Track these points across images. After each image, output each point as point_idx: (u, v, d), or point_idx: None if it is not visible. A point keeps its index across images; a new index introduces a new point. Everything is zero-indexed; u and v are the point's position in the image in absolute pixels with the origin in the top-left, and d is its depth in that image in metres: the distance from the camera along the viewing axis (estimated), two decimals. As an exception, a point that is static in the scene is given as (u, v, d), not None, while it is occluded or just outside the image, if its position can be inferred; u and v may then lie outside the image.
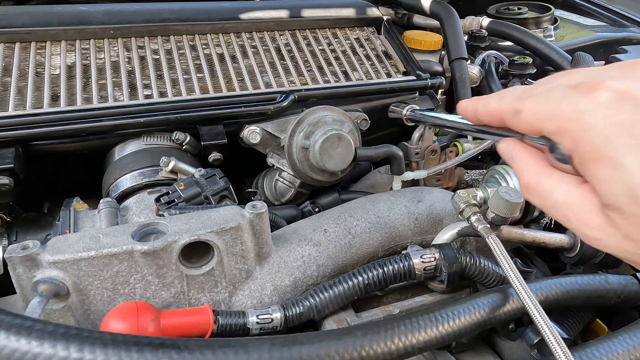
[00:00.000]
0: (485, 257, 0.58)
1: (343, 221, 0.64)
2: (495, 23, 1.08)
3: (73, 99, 0.78)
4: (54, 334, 0.34)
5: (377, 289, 0.57)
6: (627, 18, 1.30)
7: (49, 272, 0.47)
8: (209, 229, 0.51)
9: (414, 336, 0.44)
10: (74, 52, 0.85)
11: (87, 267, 0.48)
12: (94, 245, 0.48)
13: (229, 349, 0.38)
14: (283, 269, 0.58)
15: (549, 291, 0.54)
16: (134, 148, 0.77)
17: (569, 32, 1.22)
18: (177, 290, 0.52)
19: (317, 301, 0.54)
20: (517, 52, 1.09)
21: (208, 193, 0.63)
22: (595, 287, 0.57)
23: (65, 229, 0.59)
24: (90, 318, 0.51)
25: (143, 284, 0.51)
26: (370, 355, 0.42)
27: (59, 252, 0.47)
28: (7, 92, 0.76)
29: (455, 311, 0.48)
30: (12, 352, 0.33)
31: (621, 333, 0.49)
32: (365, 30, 1.06)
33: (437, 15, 1.00)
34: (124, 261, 0.49)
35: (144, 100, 0.79)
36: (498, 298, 0.51)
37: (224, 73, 0.88)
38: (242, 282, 0.56)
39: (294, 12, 1.01)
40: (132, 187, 0.71)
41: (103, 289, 0.49)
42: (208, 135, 0.79)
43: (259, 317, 0.52)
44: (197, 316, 0.50)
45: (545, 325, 0.44)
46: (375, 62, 0.98)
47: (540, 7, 1.29)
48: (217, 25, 0.95)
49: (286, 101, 0.83)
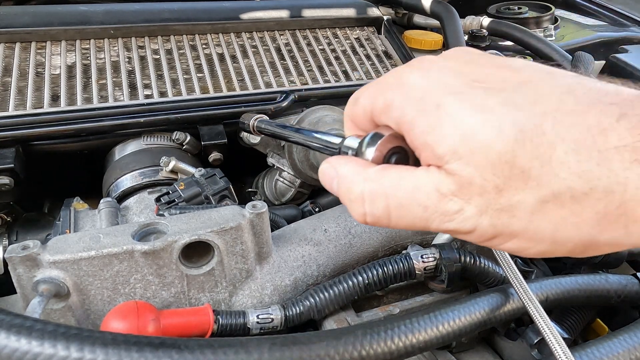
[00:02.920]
0: (485, 257, 0.58)
1: (343, 221, 0.64)
2: (496, 23, 1.08)
3: (73, 99, 0.78)
4: (54, 333, 0.34)
5: (377, 288, 0.57)
6: (627, 18, 1.30)
7: (50, 272, 0.47)
8: (209, 228, 0.51)
9: (414, 336, 0.44)
10: (74, 52, 0.85)
11: (88, 267, 0.48)
12: (94, 245, 0.48)
13: (229, 349, 0.38)
14: (283, 269, 0.58)
15: (549, 291, 0.54)
16: (134, 148, 0.77)
17: (569, 32, 1.22)
18: (178, 290, 0.52)
19: (317, 301, 0.54)
20: (517, 52, 1.08)
21: (208, 193, 0.63)
22: (595, 286, 0.57)
23: (65, 229, 0.59)
24: (90, 318, 0.51)
25: (143, 284, 0.51)
26: (370, 355, 0.42)
27: (60, 252, 0.47)
28: (7, 92, 0.76)
29: (455, 311, 0.48)
30: (12, 352, 0.33)
31: (621, 333, 0.49)
32: (365, 30, 1.06)
33: (438, 14, 1.00)
34: (124, 261, 0.49)
35: (144, 100, 0.79)
36: (498, 298, 0.51)
37: (224, 73, 0.88)
38: (242, 282, 0.56)
39: (294, 12, 1.01)
40: (132, 187, 0.71)
41: (103, 288, 0.49)
42: (208, 135, 0.79)
43: (259, 317, 0.52)
44: (197, 316, 0.50)
45: (545, 325, 0.44)
46: (375, 62, 0.98)
47: (540, 6, 1.29)
48: (218, 25, 0.95)
49: (286, 101, 0.83)
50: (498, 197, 0.24)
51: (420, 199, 0.26)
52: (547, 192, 0.23)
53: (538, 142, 0.22)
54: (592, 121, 0.22)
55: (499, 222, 0.24)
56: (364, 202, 0.28)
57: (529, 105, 0.23)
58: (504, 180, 0.23)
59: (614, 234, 0.23)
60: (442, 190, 0.25)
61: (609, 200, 0.22)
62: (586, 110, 0.22)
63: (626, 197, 0.21)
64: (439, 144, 0.25)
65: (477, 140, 0.23)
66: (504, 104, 0.24)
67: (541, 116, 0.23)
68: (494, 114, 0.23)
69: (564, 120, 0.22)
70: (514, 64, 0.27)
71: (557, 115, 0.23)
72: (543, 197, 0.23)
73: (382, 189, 0.28)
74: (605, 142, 0.21)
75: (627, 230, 0.22)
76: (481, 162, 0.23)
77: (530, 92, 0.24)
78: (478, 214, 0.25)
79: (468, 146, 0.24)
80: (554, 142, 0.22)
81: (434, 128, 0.25)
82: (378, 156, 0.29)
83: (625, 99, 0.23)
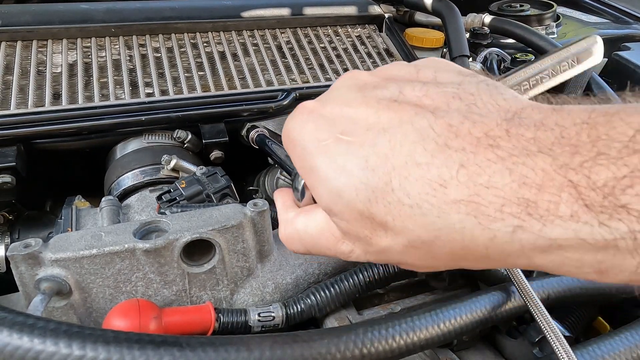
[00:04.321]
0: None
1: (344, 219, 0.64)
2: (497, 20, 1.08)
3: (75, 97, 0.78)
4: (56, 331, 0.34)
5: (378, 286, 0.57)
6: (630, 15, 1.29)
7: (51, 270, 0.47)
8: (210, 227, 0.51)
9: (415, 334, 0.44)
10: (75, 50, 0.85)
11: (89, 265, 0.48)
12: (96, 244, 0.48)
13: (230, 347, 0.38)
14: (284, 267, 0.58)
15: (550, 289, 0.54)
16: (136, 146, 0.77)
17: (571, 30, 1.22)
18: (179, 288, 0.52)
19: (318, 299, 0.54)
20: (519, 50, 1.08)
21: (209, 191, 0.63)
22: (597, 285, 0.57)
23: (67, 227, 0.59)
24: (92, 316, 0.51)
25: (145, 282, 0.51)
26: (371, 353, 0.42)
27: (61, 250, 0.47)
28: (9, 90, 0.76)
29: (456, 309, 0.48)
30: (14, 350, 0.33)
31: (623, 331, 0.49)
32: (366, 28, 1.06)
33: (439, 12, 1.00)
34: (126, 259, 0.49)
35: (145, 98, 0.79)
36: (499, 296, 0.51)
37: (226, 71, 0.88)
38: (243, 280, 0.56)
39: (295, 10, 1.00)
40: (133, 185, 0.71)
41: (105, 287, 0.49)
42: (209, 134, 0.79)
43: (261, 315, 0.52)
44: (198, 314, 0.50)
45: (546, 323, 0.44)
46: (376, 60, 0.98)
47: (542, 4, 1.28)
48: (219, 23, 0.95)
49: (288, 99, 0.83)
50: (371, 244, 0.28)
51: (323, 242, 0.31)
52: (404, 241, 0.26)
53: (389, 199, 0.25)
54: (434, 175, 0.23)
55: (382, 258, 0.29)
56: (287, 242, 0.34)
57: (382, 162, 0.25)
58: (371, 231, 0.27)
59: (468, 264, 0.26)
60: (335, 235, 0.30)
61: (452, 245, 0.24)
62: (430, 163, 0.23)
63: (465, 243, 0.23)
64: (320, 201, 0.29)
65: (343, 201, 0.27)
66: (360, 167, 0.26)
67: (390, 173, 0.25)
68: (352, 177, 0.26)
69: (410, 175, 0.24)
70: (384, 104, 0.27)
71: (403, 171, 0.24)
72: (403, 243, 0.26)
73: (296, 233, 0.33)
74: (443, 195, 0.23)
75: (477, 264, 0.25)
76: (350, 218, 0.27)
77: (385, 145, 0.25)
78: (364, 254, 0.29)
79: (338, 206, 0.27)
80: (401, 199, 0.24)
81: (313, 188, 0.29)
82: (304, 196, 0.33)
83: (474, 140, 0.23)
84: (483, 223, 0.22)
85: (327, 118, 0.29)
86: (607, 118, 0.20)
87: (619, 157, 0.19)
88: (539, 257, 0.22)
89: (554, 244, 0.21)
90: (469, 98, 0.25)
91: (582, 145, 0.20)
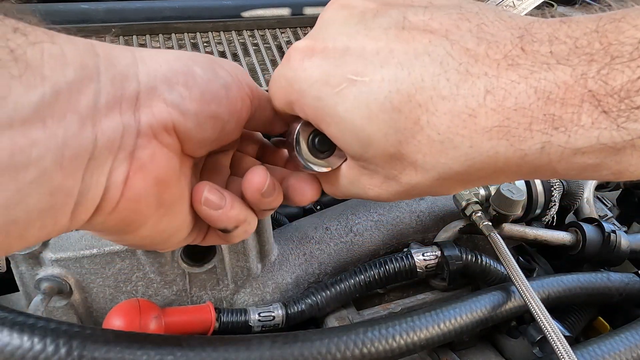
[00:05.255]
0: (487, 255, 0.58)
1: (345, 219, 0.64)
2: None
3: (75, 97, 0.78)
4: (57, 331, 0.34)
5: (378, 286, 0.57)
6: (630, 15, 1.29)
7: (52, 270, 0.47)
8: (210, 226, 0.51)
9: (415, 334, 0.44)
10: (75, 50, 0.85)
11: (90, 264, 0.48)
12: (96, 243, 0.48)
13: (230, 346, 0.38)
14: (285, 267, 0.58)
15: (550, 289, 0.54)
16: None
17: (571, 29, 1.21)
18: (179, 287, 0.52)
19: (318, 299, 0.54)
20: None
21: (210, 191, 0.63)
22: (597, 284, 0.57)
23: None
24: (92, 316, 0.51)
25: (145, 282, 0.51)
26: (371, 353, 0.42)
27: (62, 250, 0.47)
28: (9, 90, 0.76)
29: (456, 309, 0.48)
30: (14, 350, 0.33)
31: (623, 331, 0.49)
32: (366, 28, 1.06)
33: None
34: (126, 259, 0.49)
35: (145, 98, 0.79)
36: (500, 296, 0.51)
37: (226, 71, 0.88)
38: (243, 279, 0.56)
39: (295, 10, 1.00)
40: (134, 185, 0.71)
41: (105, 286, 0.50)
42: (210, 133, 0.79)
43: (261, 315, 0.52)
44: (199, 314, 0.50)
45: (546, 323, 0.44)
46: (376, 60, 0.98)
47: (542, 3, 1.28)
48: (219, 23, 0.95)
49: (288, 99, 0.83)
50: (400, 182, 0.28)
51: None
52: (435, 175, 0.26)
53: (419, 138, 0.25)
54: (461, 106, 0.23)
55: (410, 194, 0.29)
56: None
57: (406, 101, 0.24)
58: (400, 171, 0.27)
59: (497, 182, 0.27)
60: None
61: (486, 171, 0.24)
62: (456, 94, 0.23)
63: (498, 166, 0.24)
64: (348, 150, 0.29)
65: (373, 148, 0.27)
66: (386, 110, 0.25)
67: (417, 111, 0.24)
68: (380, 122, 0.25)
69: (437, 111, 0.24)
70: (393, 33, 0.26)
71: (429, 106, 0.24)
72: (434, 177, 0.26)
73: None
74: (474, 125, 0.23)
75: (506, 179, 0.26)
76: (381, 161, 0.27)
77: (406, 82, 0.25)
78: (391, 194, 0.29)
79: (369, 153, 0.27)
80: (431, 135, 0.24)
81: (337, 139, 0.29)
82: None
83: (494, 64, 0.23)
84: (514, 145, 0.22)
85: (332, 58, 0.27)
86: (615, 24, 0.21)
87: (631, 59, 0.20)
88: (563, 166, 0.23)
89: (578, 153, 0.22)
90: (475, 18, 0.25)
91: (596, 53, 0.21)
